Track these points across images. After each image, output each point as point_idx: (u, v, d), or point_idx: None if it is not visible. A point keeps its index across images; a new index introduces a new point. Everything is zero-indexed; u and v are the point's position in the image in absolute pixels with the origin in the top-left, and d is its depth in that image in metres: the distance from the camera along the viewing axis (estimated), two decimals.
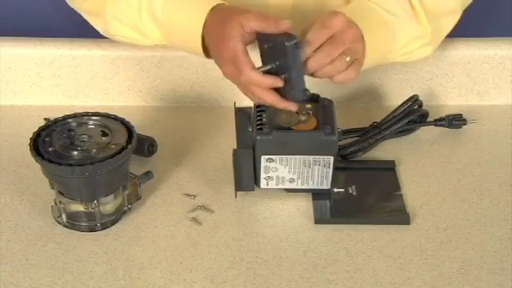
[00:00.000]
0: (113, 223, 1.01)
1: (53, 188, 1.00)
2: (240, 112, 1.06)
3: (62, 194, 0.99)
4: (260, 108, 1.03)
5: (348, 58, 0.98)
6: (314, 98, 1.04)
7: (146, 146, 1.10)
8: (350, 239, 0.99)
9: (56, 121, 1.01)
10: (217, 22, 1.02)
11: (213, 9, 1.03)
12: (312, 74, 0.99)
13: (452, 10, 1.16)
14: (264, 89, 0.96)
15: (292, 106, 0.96)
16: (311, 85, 1.16)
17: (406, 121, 1.15)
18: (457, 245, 0.99)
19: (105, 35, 1.16)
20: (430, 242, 0.99)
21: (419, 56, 1.14)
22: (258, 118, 1.02)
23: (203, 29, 1.03)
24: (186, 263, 0.96)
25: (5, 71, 1.22)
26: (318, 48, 0.97)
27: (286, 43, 0.92)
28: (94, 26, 1.17)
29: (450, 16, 1.16)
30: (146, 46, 1.15)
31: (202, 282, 0.93)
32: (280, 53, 0.94)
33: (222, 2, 1.05)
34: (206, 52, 1.05)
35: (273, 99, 0.97)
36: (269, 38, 0.97)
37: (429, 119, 1.18)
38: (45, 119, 1.11)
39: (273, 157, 1.01)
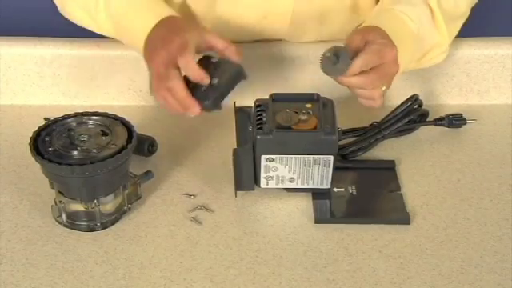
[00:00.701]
0: (113, 223, 1.01)
1: (53, 188, 1.00)
2: (240, 111, 1.07)
3: (62, 193, 0.99)
4: (260, 107, 1.03)
5: (384, 88, 1.03)
6: (313, 98, 1.04)
7: (145, 146, 1.10)
8: (349, 239, 0.99)
9: (56, 120, 1.01)
10: (168, 28, 1.04)
11: (162, 20, 1.05)
12: (348, 87, 1.03)
13: (463, 13, 1.17)
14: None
15: (195, 109, 1.00)
16: (311, 85, 1.16)
17: (406, 120, 1.15)
18: (457, 244, 0.99)
19: (61, 13, 1.17)
20: (430, 242, 0.99)
21: (434, 63, 1.16)
22: (258, 117, 1.02)
23: (149, 34, 1.05)
24: (186, 263, 0.96)
25: (5, 71, 1.22)
26: (365, 72, 1.00)
27: (239, 69, 1.01)
28: (55, 2, 1.18)
29: (460, 19, 1.17)
30: (100, 34, 1.16)
31: (201, 282, 0.93)
32: (224, 66, 1.01)
33: (174, 15, 1.06)
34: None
35: (184, 94, 0.99)
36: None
37: (429, 119, 1.18)
38: (45, 119, 1.11)
39: (273, 156, 1.01)
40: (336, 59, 0.99)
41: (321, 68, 1.01)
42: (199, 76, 0.99)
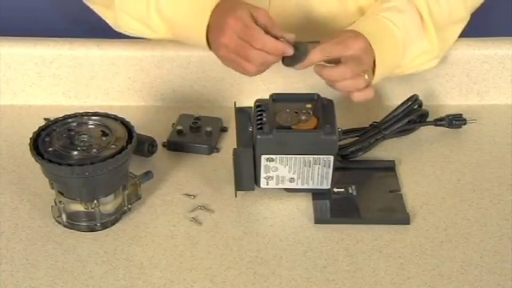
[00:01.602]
0: (113, 223, 1.01)
1: (53, 188, 1.00)
2: (240, 112, 1.07)
3: (62, 193, 0.99)
4: (260, 107, 1.03)
5: (366, 77, 1.03)
6: (314, 98, 1.04)
7: (146, 146, 1.10)
8: (349, 239, 0.99)
9: (56, 121, 1.01)
10: (222, 11, 1.03)
11: (217, 5, 1.04)
12: (332, 85, 1.03)
13: (461, 18, 1.17)
14: (273, 55, 1.00)
15: (289, 49, 1.00)
16: (312, 85, 1.16)
17: (406, 121, 1.15)
18: (457, 244, 0.99)
19: (115, 29, 1.17)
20: (430, 242, 0.99)
21: (423, 69, 1.17)
22: (258, 117, 1.02)
23: (208, 22, 1.04)
24: (186, 263, 0.96)
25: (5, 71, 1.22)
26: (339, 63, 1.02)
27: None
28: (105, 19, 1.17)
29: (458, 24, 1.18)
30: (156, 39, 1.16)
31: (201, 282, 0.93)
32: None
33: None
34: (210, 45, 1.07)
35: (282, 47, 1.00)
36: None
37: (429, 119, 1.18)
38: (45, 119, 1.12)
39: (273, 156, 1.01)
40: (295, 49, 1.01)
41: (282, 62, 1.03)
42: (282, 48, 1.00)
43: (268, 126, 1.00)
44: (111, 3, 1.13)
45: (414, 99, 1.16)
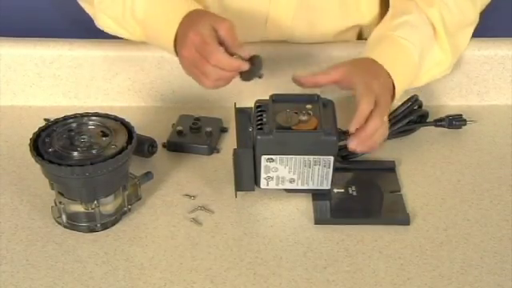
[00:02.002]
0: (113, 224, 1.01)
1: (53, 188, 1.00)
2: (240, 112, 1.07)
3: (62, 194, 0.99)
4: (260, 108, 1.03)
5: (385, 118, 1.03)
6: (314, 99, 1.04)
7: (146, 147, 1.10)
8: (350, 239, 0.99)
9: (56, 121, 1.01)
10: (187, 23, 1.03)
11: (187, 15, 1.04)
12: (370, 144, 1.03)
13: (472, 21, 1.17)
14: (228, 71, 1.00)
15: (245, 65, 1.01)
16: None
17: (406, 121, 1.15)
18: (457, 245, 0.99)
19: (97, 25, 1.17)
20: (430, 243, 0.99)
21: (439, 77, 1.17)
22: (259, 117, 1.02)
23: (176, 32, 1.04)
24: (186, 263, 0.96)
25: (5, 71, 1.22)
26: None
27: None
28: (89, 14, 1.18)
29: (469, 27, 1.18)
30: (132, 40, 1.15)
31: (202, 283, 0.93)
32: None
33: (200, 8, 1.06)
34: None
35: (236, 64, 1.00)
36: None
37: (429, 119, 1.18)
38: (45, 119, 1.12)
39: (273, 157, 1.01)
40: (251, 64, 1.01)
41: (240, 77, 1.03)
42: (237, 65, 1.00)
43: (268, 127, 1.00)
44: (92, 0, 1.14)
45: (414, 100, 1.16)
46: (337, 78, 1.03)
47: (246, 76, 1.03)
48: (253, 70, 1.02)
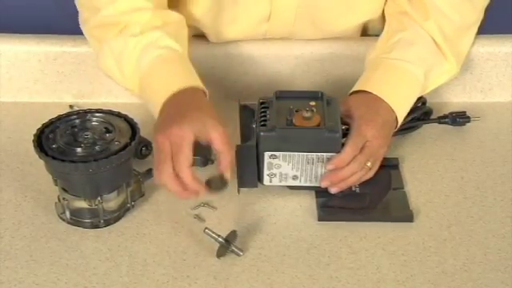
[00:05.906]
0: (116, 220, 1.01)
1: (56, 185, 1.00)
2: (244, 109, 1.07)
3: (66, 190, 0.99)
4: (264, 105, 1.03)
5: (369, 163, 1.02)
6: (318, 96, 1.04)
7: (138, 148, 1.08)
8: (353, 236, 0.99)
9: (59, 117, 1.01)
10: (179, 105, 1.00)
11: (184, 90, 1.01)
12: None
13: (473, 22, 1.17)
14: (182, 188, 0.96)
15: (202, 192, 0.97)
16: (316, 83, 1.16)
17: (410, 118, 1.15)
18: (460, 242, 0.99)
19: (97, 63, 1.14)
20: (434, 240, 0.99)
21: (447, 81, 1.17)
22: (262, 114, 1.02)
23: (168, 99, 1.01)
24: (190, 260, 0.96)
25: (8, 68, 1.22)
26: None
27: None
28: (92, 49, 1.15)
29: (471, 28, 1.17)
30: (122, 86, 1.12)
31: (205, 279, 0.93)
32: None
33: (201, 89, 1.03)
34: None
35: (193, 188, 0.96)
36: None
37: (432, 117, 1.18)
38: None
39: (276, 153, 1.01)
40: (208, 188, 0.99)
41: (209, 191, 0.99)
42: (194, 189, 0.96)
43: (271, 123, 1.00)
44: (106, 38, 1.09)
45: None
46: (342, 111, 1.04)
47: (211, 190, 0.99)
48: (215, 188, 0.99)
